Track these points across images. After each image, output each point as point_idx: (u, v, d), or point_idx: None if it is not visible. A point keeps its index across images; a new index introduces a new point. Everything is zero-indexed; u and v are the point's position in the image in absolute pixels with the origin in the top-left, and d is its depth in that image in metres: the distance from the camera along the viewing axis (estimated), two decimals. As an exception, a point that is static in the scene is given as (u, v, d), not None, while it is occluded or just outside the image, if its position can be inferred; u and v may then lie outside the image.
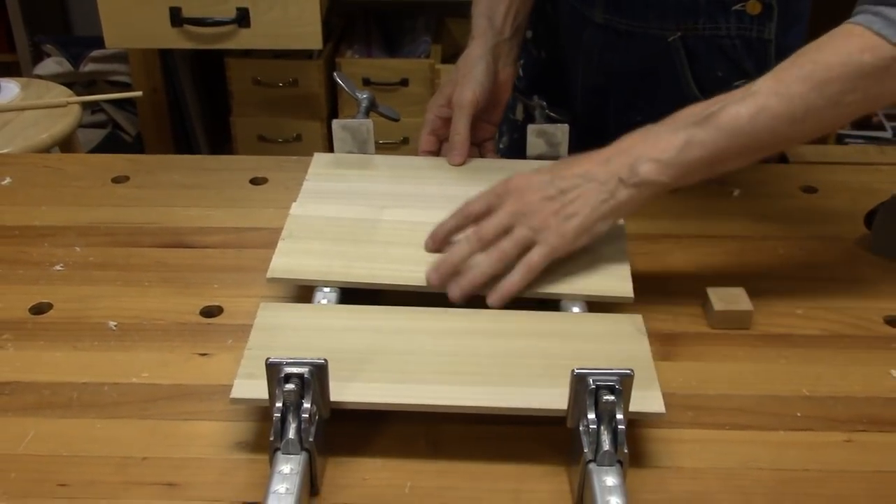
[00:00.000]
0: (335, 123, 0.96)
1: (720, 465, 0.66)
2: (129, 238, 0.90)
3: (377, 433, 0.68)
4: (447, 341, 0.70)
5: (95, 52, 2.32)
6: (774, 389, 0.73)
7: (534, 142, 0.95)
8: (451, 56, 2.30)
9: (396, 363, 0.68)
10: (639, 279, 0.79)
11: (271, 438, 0.61)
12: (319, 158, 0.94)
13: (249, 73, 2.33)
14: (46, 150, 1.63)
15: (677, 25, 0.96)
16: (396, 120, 1.10)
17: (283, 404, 0.60)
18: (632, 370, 0.61)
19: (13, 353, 0.75)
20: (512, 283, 0.74)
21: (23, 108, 1.68)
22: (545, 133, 0.95)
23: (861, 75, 0.71)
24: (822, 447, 0.67)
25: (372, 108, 1.04)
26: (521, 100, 1.08)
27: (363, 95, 1.03)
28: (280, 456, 0.60)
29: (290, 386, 0.60)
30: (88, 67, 2.34)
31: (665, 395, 0.69)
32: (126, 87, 2.36)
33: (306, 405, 0.61)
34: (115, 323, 0.79)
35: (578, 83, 1.07)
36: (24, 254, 0.88)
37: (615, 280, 0.77)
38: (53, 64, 2.35)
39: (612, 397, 0.60)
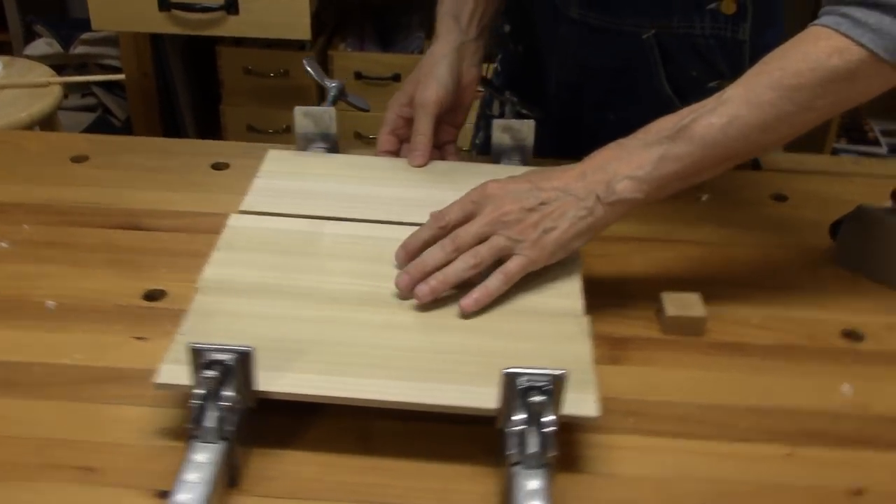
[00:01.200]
0: (297, 110, 0.94)
1: (655, 474, 0.64)
2: (80, 218, 0.89)
3: (307, 426, 0.66)
4: (386, 334, 0.69)
5: (86, 35, 2.30)
6: (721, 399, 0.71)
7: (499, 136, 0.94)
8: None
9: (331, 354, 0.66)
10: (595, 282, 0.78)
11: (188, 426, 0.59)
12: (273, 154, 0.92)
13: (240, 63, 2.32)
14: (26, 128, 1.62)
15: (651, 23, 0.94)
16: (366, 110, 1.09)
17: (204, 391, 0.59)
18: (565, 371, 0.59)
19: (-54, 329, 0.74)
20: (489, 289, 0.72)
21: (2, 87, 1.67)
22: (511, 128, 0.93)
23: (831, 79, 0.69)
24: (761, 460, 0.65)
25: (341, 97, 1.02)
26: (494, 95, 1.06)
27: (332, 84, 1.02)
28: (196, 444, 0.59)
29: (210, 372, 0.58)
30: (79, 50, 2.33)
31: (608, 401, 0.68)
32: (116, 71, 2.35)
33: (227, 393, 0.59)
34: (53, 303, 0.77)
35: (553, 79, 1.05)
36: (-29, 229, 0.86)
37: (565, 297, 0.74)
38: (44, 45, 2.34)
39: (541, 398, 0.58)
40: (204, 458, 0.58)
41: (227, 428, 0.59)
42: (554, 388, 0.59)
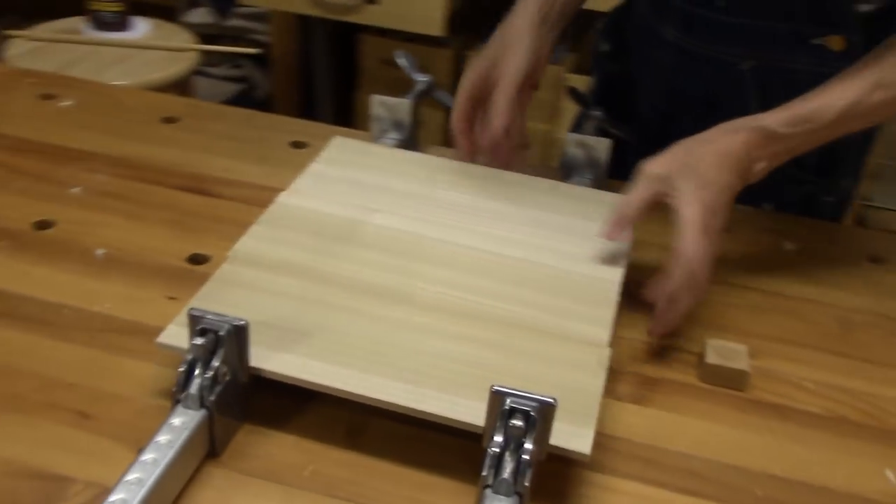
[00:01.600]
0: (374, 98, 0.94)
1: (645, 526, 0.60)
2: (152, 175, 0.91)
3: (303, 410, 0.65)
4: (397, 332, 0.67)
5: (242, 9, 2.39)
6: (742, 460, 0.66)
7: (572, 151, 0.90)
8: (584, 69, 2.24)
9: (334, 343, 0.65)
10: (644, 313, 0.74)
11: (173, 389, 0.59)
12: (337, 142, 0.91)
13: (380, 53, 2.35)
14: (159, 90, 1.69)
15: (751, 53, 0.89)
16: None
17: (191, 358, 0.59)
18: (554, 399, 0.56)
19: (1, 261, 0.78)
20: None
21: (144, 48, 1.75)
22: (585, 145, 0.90)
23: None
24: (767, 534, 0.60)
25: (429, 92, 1.02)
26: (581, 107, 1.02)
27: (422, 78, 1.01)
28: (178, 408, 0.59)
29: (200, 340, 0.58)
30: (233, 22, 2.43)
31: (617, 440, 0.64)
32: (264, 47, 2.43)
33: (215, 363, 0.59)
34: (102, 251, 0.80)
35: (645, 104, 1.01)
36: (51, 171, 0.90)
37: (592, 324, 0.70)
38: (202, 14, 2.45)
39: (520, 423, 0.55)
40: (179, 423, 0.58)
41: (209, 398, 0.59)
42: (540, 415, 0.56)
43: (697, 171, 0.71)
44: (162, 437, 0.57)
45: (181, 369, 0.59)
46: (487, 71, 0.87)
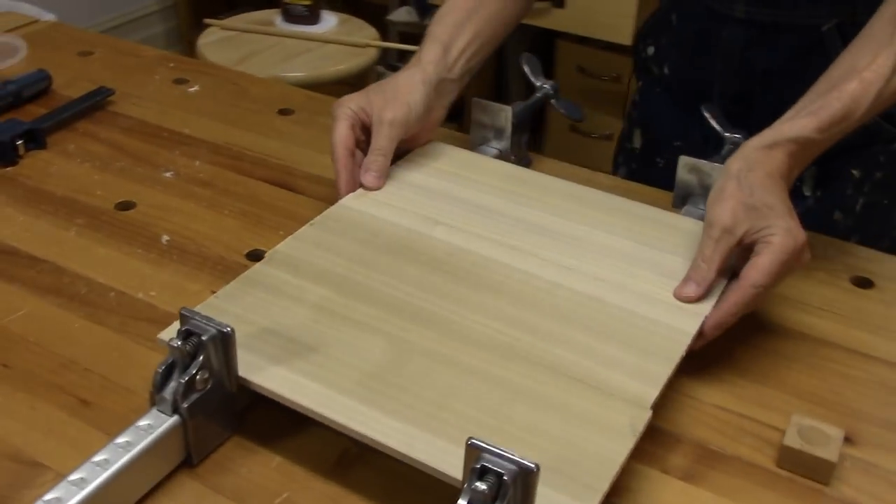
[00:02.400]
0: (475, 102, 0.87)
1: None
2: (245, 166, 0.90)
3: (297, 430, 0.60)
4: (412, 363, 0.60)
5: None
6: (797, 573, 0.53)
7: (685, 177, 0.79)
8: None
9: (338, 364, 0.59)
10: (727, 373, 0.66)
11: (150, 389, 0.56)
12: (430, 147, 0.85)
13: (576, 60, 2.27)
14: (335, 83, 1.71)
15: (832, 13, 0.84)
16: (578, 120, 0.99)
17: (170, 360, 0.56)
18: (536, 466, 0.47)
19: (71, 237, 0.79)
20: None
21: (325, 41, 1.78)
22: (699, 170, 0.78)
23: None
24: None
25: (550, 98, 0.94)
26: (723, 138, 0.88)
27: (543, 84, 0.94)
28: (152, 411, 0.56)
29: (177, 342, 0.55)
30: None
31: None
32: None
33: (192, 370, 0.55)
34: (168, 238, 0.79)
35: (715, 93, 0.92)
36: (153, 154, 0.91)
37: (642, 380, 0.60)
38: (405, 13, 2.47)
39: (484, 486, 0.47)
40: (145, 425, 0.55)
41: (182, 404, 0.55)
42: (517, 481, 0.47)
43: (764, 205, 0.66)
44: (121, 439, 0.54)
45: (159, 370, 0.56)
46: (369, 106, 0.79)
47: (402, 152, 0.83)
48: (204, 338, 0.55)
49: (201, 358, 0.55)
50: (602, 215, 0.76)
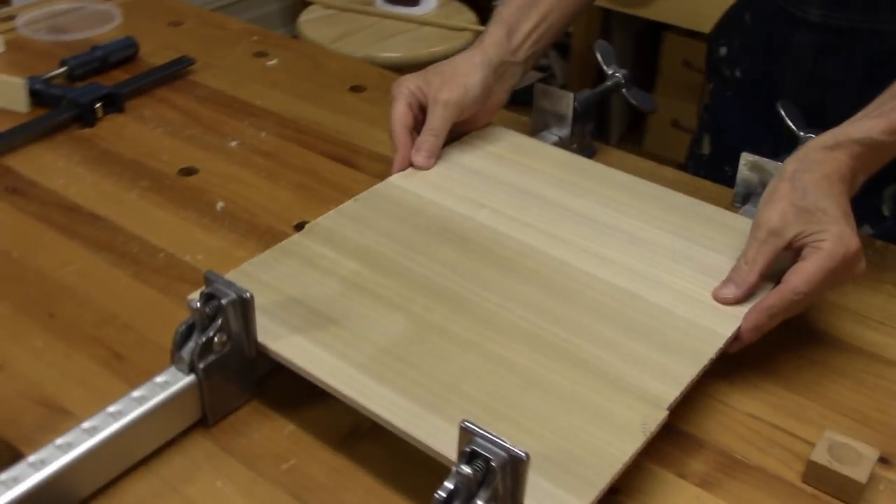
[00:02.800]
0: (537, 87, 0.85)
1: None
2: (308, 139, 0.91)
3: (314, 401, 0.61)
4: (430, 343, 0.60)
5: (549, -3, 2.36)
6: None
7: (747, 175, 0.76)
8: None
9: (358, 339, 0.60)
10: (767, 378, 0.63)
11: (170, 347, 0.58)
12: (487, 131, 0.84)
13: (682, 54, 2.21)
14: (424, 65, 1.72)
15: None
16: (650, 111, 0.96)
17: (191, 321, 0.57)
18: (526, 454, 0.46)
19: (133, 198, 0.82)
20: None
21: (422, 23, 1.79)
22: (761, 169, 0.75)
23: None
24: None
25: (622, 88, 0.91)
26: (797, 136, 0.84)
27: (616, 72, 0.91)
28: (171, 368, 0.57)
29: (196, 303, 0.56)
30: (540, 10, 2.40)
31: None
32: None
33: (210, 332, 0.56)
34: (223, 205, 0.81)
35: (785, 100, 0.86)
36: (222, 123, 0.94)
37: (663, 380, 0.57)
38: (512, -1, 2.45)
39: (468, 471, 0.46)
40: (161, 381, 0.56)
41: (199, 364, 0.56)
42: (506, 468, 0.47)
43: (817, 208, 0.63)
44: (137, 392, 0.55)
45: (180, 329, 0.57)
46: (427, 87, 0.79)
47: (460, 134, 0.83)
48: (224, 301, 0.56)
49: (220, 321, 0.56)
50: (654, 210, 0.74)
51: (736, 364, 0.64)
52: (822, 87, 0.86)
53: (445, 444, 0.52)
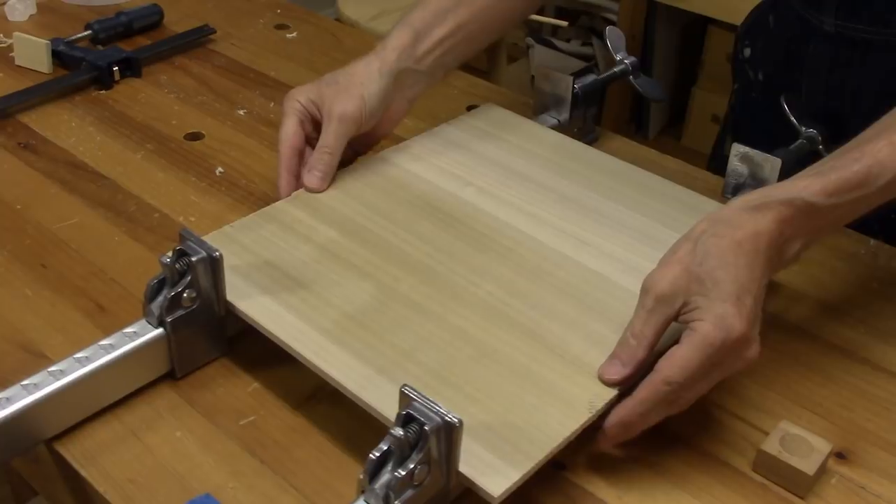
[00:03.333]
0: (538, 69, 0.86)
1: None
2: (315, 111, 0.93)
3: (280, 364, 0.62)
4: (394, 310, 0.61)
5: (595, -15, 2.35)
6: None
7: (736, 165, 0.75)
8: None
9: (318, 303, 0.61)
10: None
11: (142, 300, 0.60)
12: (483, 109, 0.85)
13: (726, 48, 2.17)
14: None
15: None
16: (659, 100, 0.95)
17: (161, 276, 0.59)
18: (459, 421, 0.47)
19: (137, 160, 0.84)
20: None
21: (459, 5, 1.78)
22: (751, 160, 0.74)
23: None
24: None
25: (628, 75, 0.91)
26: (798, 131, 0.83)
27: (624, 59, 0.91)
28: (141, 320, 0.60)
29: (167, 259, 0.58)
30: (588, -2, 2.39)
31: (585, 495, 0.53)
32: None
33: (179, 288, 0.58)
34: (222, 170, 0.83)
35: (804, 111, 0.84)
36: (234, 92, 0.96)
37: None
38: (560, -14, 2.44)
39: (400, 433, 0.47)
40: (130, 332, 0.58)
41: (167, 318, 0.58)
42: (440, 434, 0.48)
43: (710, 279, 0.54)
44: (106, 341, 0.58)
45: (151, 284, 0.59)
46: (320, 99, 0.74)
47: (357, 149, 0.79)
48: (193, 259, 0.58)
49: (189, 278, 0.58)
50: (638, 195, 0.74)
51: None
52: (838, 98, 0.83)
53: (390, 408, 0.53)
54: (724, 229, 0.55)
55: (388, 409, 0.53)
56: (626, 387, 0.56)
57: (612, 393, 0.56)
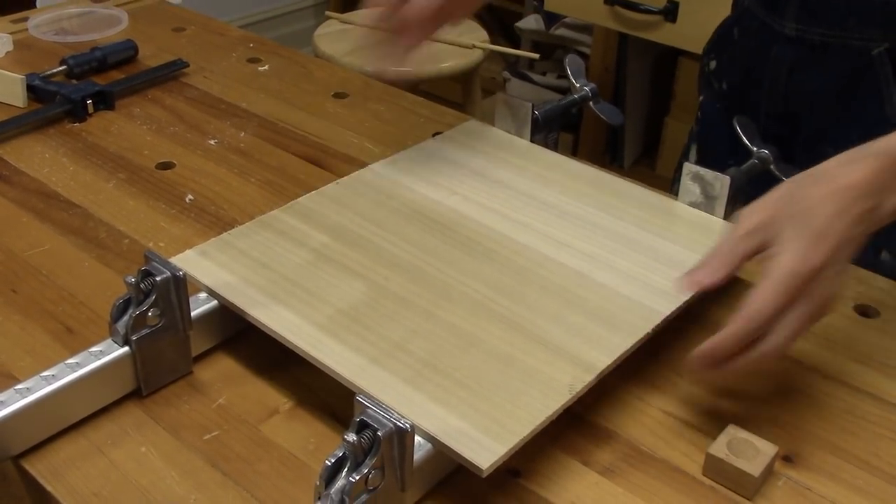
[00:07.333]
0: (499, 96, 0.89)
1: None
2: (283, 140, 0.95)
3: (244, 382, 0.64)
4: (385, 306, 0.64)
5: (568, 19, 2.40)
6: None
7: (687, 184, 0.78)
8: None
9: (312, 300, 0.65)
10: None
11: (108, 319, 0.61)
12: (467, 125, 0.89)
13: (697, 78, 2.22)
14: (436, 80, 1.76)
15: (884, 34, 0.81)
16: (617, 125, 0.98)
17: (127, 296, 0.61)
18: (410, 426, 0.49)
19: (109, 188, 0.86)
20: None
21: (434, 40, 1.82)
22: (701, 179, 0.77)
23: None
24: None
25: (588, 101, 0.94)
26: (750, 151, 0.86)
27: (584, 86, 0.94)
28: (108, 339, 0.61)
29: (131, 279, 0.60)
30: (559, 31, 2.44)
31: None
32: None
33: (144, 307, 0.60)
34: (192, 198, 0.85)
35: (761, 113, 0.90)
36: (205, 123, 0.98)
37: (599, 349, 0.61)
38: (533, 20, 2.49)
39: (352, 438, 0.49)
40: (96, 351, 0.60)
41: (132, 337, 0.60)
42: (392, 439, 0.49)
43: (807, 218, 0.57)
44: (72, 360, 0.59)
45: (117, 303, 0.61)
46: None
47: (457, 15, 0.78)
48: (158, 278, 0.60)
49: (154, 297, 0.60)
50: (613, 200, 0.78)
51: (658, 364, 0.67)
52: (796, 100, 0.88)
53: (387, 395, 0.56)
54: (821, 179, 0.58)
55: (383, 395, 0.56)
56: (705, 288, 0.59)
57: (590, 376, 0.59)
